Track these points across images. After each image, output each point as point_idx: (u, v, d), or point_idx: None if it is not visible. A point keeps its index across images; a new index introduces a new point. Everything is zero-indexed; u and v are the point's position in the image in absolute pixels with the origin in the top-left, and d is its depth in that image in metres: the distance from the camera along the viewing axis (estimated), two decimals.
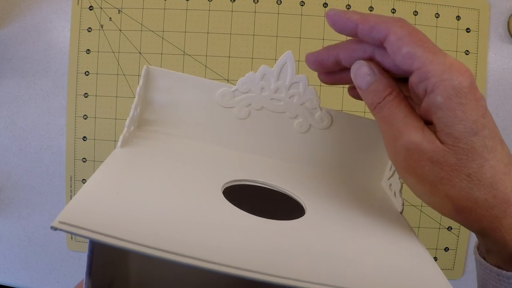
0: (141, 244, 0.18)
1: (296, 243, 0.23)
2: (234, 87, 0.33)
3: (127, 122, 0.30)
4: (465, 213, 0.25)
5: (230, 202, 0.26)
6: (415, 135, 0.24)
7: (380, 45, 0.26)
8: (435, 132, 0.24)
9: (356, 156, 0.34)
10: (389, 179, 0.34)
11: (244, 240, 0.22)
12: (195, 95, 0.33)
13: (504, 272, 0.25)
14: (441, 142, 0.24)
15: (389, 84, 0.26)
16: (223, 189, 0.27)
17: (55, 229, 0.18)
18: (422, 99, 0.25)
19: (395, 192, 0.32)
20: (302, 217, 0.26)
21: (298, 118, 0.33)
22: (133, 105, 0.31)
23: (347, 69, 0.28)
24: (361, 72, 0.27)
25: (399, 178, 0.32)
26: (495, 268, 0.26)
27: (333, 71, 0.30)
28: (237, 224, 0.23)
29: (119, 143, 0.29)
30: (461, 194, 0.24)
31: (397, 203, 0.31)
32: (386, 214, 0.29)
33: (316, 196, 0.30)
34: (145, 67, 0.32)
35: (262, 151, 0.34)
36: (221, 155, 0.33)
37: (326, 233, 0.25)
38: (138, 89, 0.31)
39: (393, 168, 0.33)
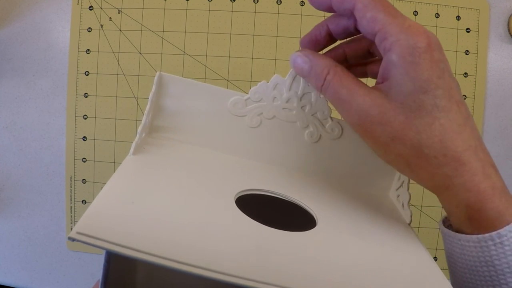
0: (157, 256, 0.18)
1: (307, 255, 0.23)
2: (246, 96, 0.33)
3: (139, 129, 0.30)
4: (417, 170, 0.26)
5: (242, 211, 0.26)
6: (363, 102, 0.25)
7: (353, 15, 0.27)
8: (389, 89, 0.25)
9: (365, 166, 0.34)
10: (397, 189, 0.34)
11: (257, 252, 0.22)
12: (207, 103, 0.33)
13: (463, 236, 0.26)
14: (393, 100, 0.25)
15: (326, 65, 0.27)
16: (235, 198, 0.27)
17: (73, 239, 0.18)
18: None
19: (403, 204, 0.32)
20: (314, 228, 0.27)
21: (309, 128, 0.33)
22: (145, 112, 0.31)
23: (340, 49, 0.31)
24: (298, 63, 0.29)
25: (407, 190, 0.32)
26: (457, 234, 0.26)
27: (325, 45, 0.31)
28: (250, 235, 0.24)
29: (131, 150, 0.29)
30: (412, 152, 0.25)
31: (405, 215, 0.31)
32: (395, 226, 0.30)
33: (326, 207, 0.30)
34: (157, 73, 0.32)
35: (273, 160, 0.34)
36: (232, 163, 0.33)
37: (337, 245, 0.25)
38: (150, 96, 0.31)
39: (401, 179, 0.33)
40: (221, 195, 0.27)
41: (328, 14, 0.29)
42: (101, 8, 0.57)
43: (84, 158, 0.58)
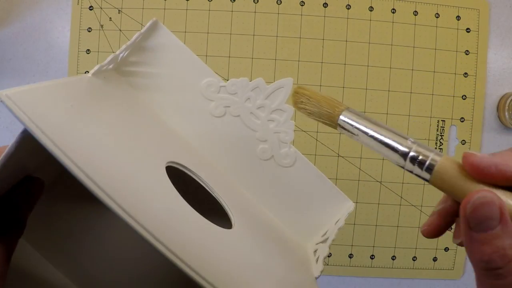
0: (73, 163, 0.17)
1: (216, 245, 0.23)
2: (223, 83, 0.32)
3: (109, 57, 0.29)
4: None
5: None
6: None
7: None
8: None
9: (298, 207, 0.33)
10: (317, 244, 0.32)
11: (168, 216, 0.21)
12: (184, 70, 0.32)
13: None
14: None
15: None
16: (167, 164, 0.27)
17: None
18: None
19: (318, 258, 0.30)
20: (231, 229, 0.26)
21: (266, 144, 0.32)
22: (124, 46, 0.30)
23: None
24: (485, 211, 0.19)
25: (329, 246, 0.30)
26: None
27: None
28: (169, 199, 0.23)
29: (92, 70, 0.28)
30: None
31: (315, 269, 0.29)
32: (302, 271, 0.28)
33: (247, 222, 0.29)
34: (154, 19, 0.31)
35: (219, 155, 0.33)
36: (177, 138, 0.32)
37: (248, 250, 0.25)
38: (136, 35, 0.30)
39: (327, 236, 0.31)
40: (154, 156, 0.26)
41: None
42: (101, 8, 0.57)
43: None
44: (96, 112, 0.24)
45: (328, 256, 0.57)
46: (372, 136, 0.24)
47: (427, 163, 0.22)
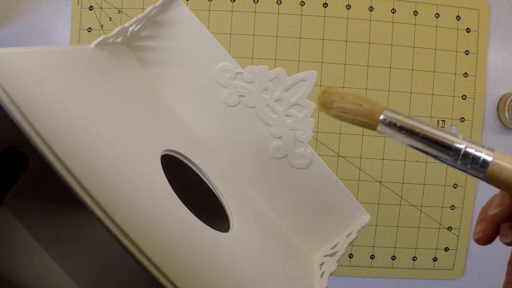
0: (45, 143, 0.14)
1: (204, 247, 0.21)
2: (240, 69, 0.29)
3: (117, 28, 0.26)
4: None
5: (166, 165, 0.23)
6: None
7: None
8: None
9: (309, 214, 0.30)
10: (325, 256, 0.29)
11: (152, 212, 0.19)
12: (198, 50, 0.29)
13: None
14: None
15: None
16: (163, 153, 0.24)
17: None
18: None
19: (323, 273, 0.27)
20: (227, 233, 0.24)
21: (280, 141, 0.29)
22: (135, 19, 0.27)
23: None
24: None
25: (337, 261, 0.27)
26: None
27: None
28: (157, 192, 0.20)
29: (95, 41, 0.25)
30: None
31: (318, 284, 0.26)
32: (303, 287, 0.25)
33: (248, 226, 0.26)
34: None
35: (226, 148, 0.30)
36: (181, 123, 0.29)
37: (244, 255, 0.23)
38: (150, 7, 0.27)
39: (336, 249, 0.28)
40: (150, 142, 0.24)
41: None
42: (101, 8, 0.57)
43: None
44: (91, 87, 0.22)
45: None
46: (421, 135, 0.21)
47: (482, 158, 0.20)
